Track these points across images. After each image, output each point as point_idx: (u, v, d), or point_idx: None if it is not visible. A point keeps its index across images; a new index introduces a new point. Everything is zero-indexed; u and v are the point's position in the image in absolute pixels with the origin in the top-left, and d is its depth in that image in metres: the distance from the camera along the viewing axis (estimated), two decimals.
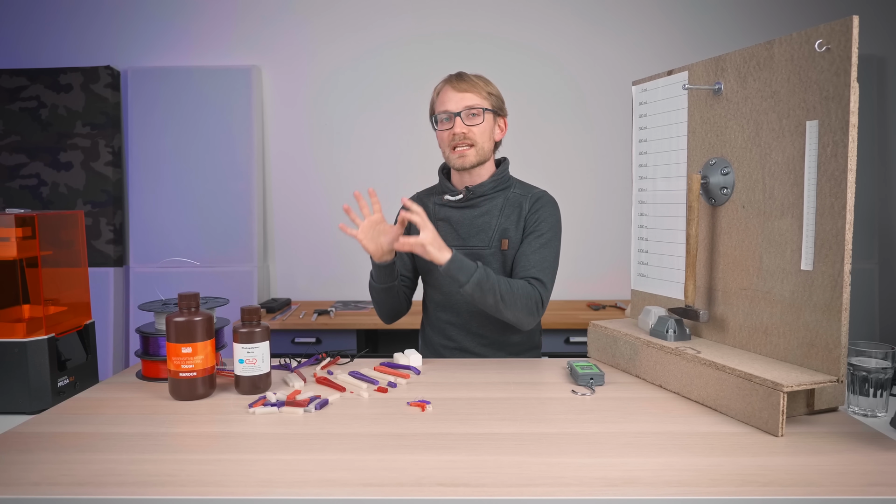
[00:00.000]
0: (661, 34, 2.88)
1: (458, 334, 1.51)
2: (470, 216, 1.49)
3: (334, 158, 2.94)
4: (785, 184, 1.03)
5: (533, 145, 2.89)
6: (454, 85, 1.43)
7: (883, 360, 1.05)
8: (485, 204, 1.49)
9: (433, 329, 1.56)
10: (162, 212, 2.81)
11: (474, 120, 1.42)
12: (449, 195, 1.50)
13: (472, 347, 1.51)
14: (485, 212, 1.49)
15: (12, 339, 1.11)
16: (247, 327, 1.11)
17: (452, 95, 1.42)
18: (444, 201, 1.51)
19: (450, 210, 1.51)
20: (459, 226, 1.50)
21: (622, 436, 0.93)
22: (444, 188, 1.52)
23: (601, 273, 2.92)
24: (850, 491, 0.76)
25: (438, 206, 1.53)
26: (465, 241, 1.49)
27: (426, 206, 1.55)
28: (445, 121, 1.43)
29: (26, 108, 2.75)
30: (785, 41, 1.02)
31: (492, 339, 1.50)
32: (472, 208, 1.50)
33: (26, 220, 1.15)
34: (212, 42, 2.89)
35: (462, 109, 1.41)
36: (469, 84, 1.43)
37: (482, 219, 1.49)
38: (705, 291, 1.21)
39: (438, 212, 1.53)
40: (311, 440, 0.92)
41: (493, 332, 1.50)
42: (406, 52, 2.89)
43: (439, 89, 1.47)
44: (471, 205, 1.49)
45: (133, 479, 0.79)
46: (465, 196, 1.48)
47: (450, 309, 1.52)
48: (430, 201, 1.55)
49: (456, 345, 1.52)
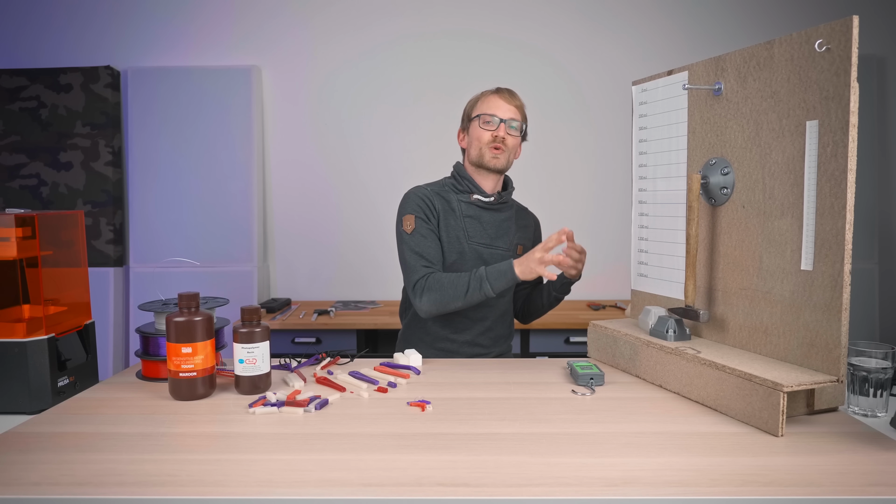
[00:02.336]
0: (661, 34, 2.88)
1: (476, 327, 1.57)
2: (497, 219, 1.59)
3: (334, 158, 2.94)
4: (785, 184, 1.03)
5: (533, 145, 2.89)
6: (505, 97, 1.56)
7: (883, 360, 1.05)
8: (506, 210, 1.62)
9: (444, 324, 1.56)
10: (162, 212, 2.81)
11: (513, 132, 1.55)
12: (480, 196, 1.56)
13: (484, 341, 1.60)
14: (507, 217, 1.61)
15: (12, 339, 1.11)
16: (247, 327, 1.11)
17: (502, 104, 1.55)
18: (474, 200, 1.56)
19: (478, 209, 1.57)
20: (489, 226, 1.58)
21: (622, 436, 0.93)
22: (474, 188, 1.57)
23: (601, 273, 2.93)
24: (850, 491, 0.76)
25: (465, 204, 1.57)
26: (492, 242, 1.57)
27: (449, 202, 1.56)
28: (490, 122, 1.53)
29: (26, 108, 2.75)
30: (785, 41, 1.02)
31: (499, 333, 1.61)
32: (498, 212, 1.60)
33: (26, 220, 1.15)
34: (211, 42, 2.89)
35: (508, 118, 1.54)
36: (517, 100, 1.58)
37: (506, 223, 1.60)
38: (705, 291, 1.21)
39: (465, 209, 1.57)
40: (311, 440, 0.92)
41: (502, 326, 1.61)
42: (406, 52, 2.89)
43: (486, 96, 1.57)
44: (497, 208, 1.59)
45: (133, 479, 0.79)
46: (496, 199, 1.57)
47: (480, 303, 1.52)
48: (451, 198, 1.57)
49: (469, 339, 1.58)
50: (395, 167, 2.92)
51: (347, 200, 2.95)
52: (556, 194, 2.91)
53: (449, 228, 1.53)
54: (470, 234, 1.54)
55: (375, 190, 2.91)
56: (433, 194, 1.56)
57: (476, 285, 1.41)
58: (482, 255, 1.55)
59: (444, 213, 1.54)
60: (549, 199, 2.87)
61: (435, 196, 1.56)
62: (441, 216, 1.54)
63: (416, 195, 1.54)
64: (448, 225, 1.54)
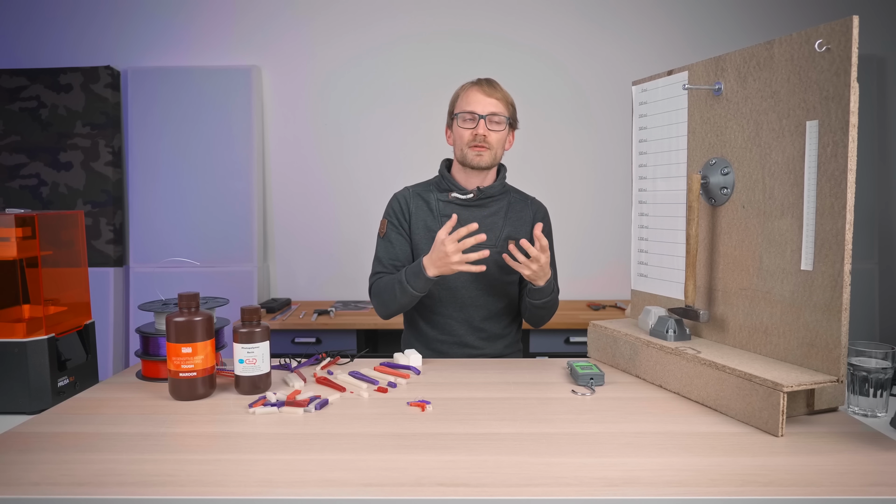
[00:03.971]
0: (661, 34, 2.88)
1: (461, 329, 1.54)
2: (479, 215, 1.53)
3: (334, 158, 2.94)
4: (785, 184, 1.03)
5: (533, 145, 2.89)
6: (483, 89, 1.49)
7: (883, 360, 1.05)
8: (492, 205, 1.55)
9: (432, 324, 1.56)
10: (162, 212, 2.81)
11: (496, 126, 1.49)
12: (458, 193, 1.53)
13: (473, 341, 1.54)
14: (493, 212, 1.55)
15: (12, 339, 1.11)
16: (247, 327, 1.11)
17: (481, 98, 1.48)
18: (452, 199, 1.53)
19: (456, 208, 1.54)
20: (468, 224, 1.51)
21: (622, 436, 0.93)
22: (452, 186, 1.54)
23: (601, 273, 2.93)
24: (850, 491, 0.76)
25: (444, 203, 1.55)
26: None
27: (427, 201, 1.56)
28: (469, 120, 1.48)
29: (26, 108, 2.75)
30: (785, 41, 1.02)
31: (490, 333, 1.55)
32: (481, 208, 1.54)
33: (26, 220, 1.15)
34: (211, 42, 2.89)
35: (487, 114, 1.47)
36: (497, 91, 1.50)
37: (490, 219, 1.54)
38: (705, 291, 1.21)
39: (443, 208, 1.54)
40: (311, 440, 0.92)
41: (493, 326, 1.55)
42: (406, 52, 2.89)
43: (466, 89, 1.52)
44: (479, 204, 1.54)
45: (133, 479, 0.79)
46: (475, 195, 1.52)
47: (456, 304, 1.53)
48: (431, 197, 1.56)
49: (456, 339, 1.54)
50: (395, 167, 2.92)
51: (347, 200, 2.95)
52: (555, 194, 2.90)
53: (427, 229, 1.53)
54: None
55: (375, 189, 2.91)
56: (412, 196, 1.58)
57: (399, 287, 1.42)
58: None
59: (420, 214, 1.55)
60: (549, 199, 2.85)
61: (414, 198, 1.57)
62: (414, 217, 1.55)
63: (394, 199, 1.59)
64: (426, 225, 1.54)
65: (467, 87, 1.52)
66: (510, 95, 1.53)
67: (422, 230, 1.54)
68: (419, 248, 1.53)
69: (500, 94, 1.50)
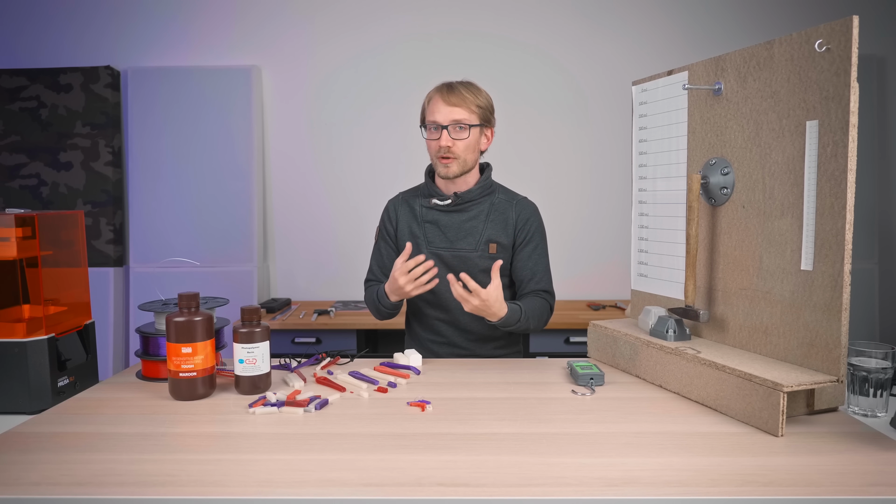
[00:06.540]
0: (661, 34, 2.88)
1: (447, 330, 1.55)
2: (458, 220, 1.53)
3: (334, 158, 2.94)
4: (785, 184, 1.03)
5: (533, 145, 2.89)
6: (445, 98, 1.45)
7: (883, 360, 1.05)
8: (472, 209, 1.54)
9: (422, 325, 1.59)
10: (162, 212, 2.81)
11: (460, 134, 1.45)
12: (437, 199, 1.53)
13: (461, 342, 1.55)
14: (472, 216, 1.53)
15: (12, 339, 1.11)
16: (247, 327, 1.11)
17: (442, 108, 1.44)
18: (432, 205, 1.53)
19: (437, 213, 1.54)
20: (448, 229, 1.53)
21: (622, 436, 0.93)
22: (432, 192, 1.55)
23: (601, 273, 2.92)
24: (850, 491, 0.76)
25: (426, 209, 1.55)
26: (452, 244, 1.52)
27: (412, 207, 1.57)
28: (434, 131, 1.47)
29: (26, 108, 2.75)
30: (785, 41, 1.02)
31: (479, 335, 1.55)
32: (460, 213, 1.54)
33: (26, 220, 1.15)
34: (211, 42, 2.89)
35: (450, 123, 1.44)
36: (459, 98, 1.44)
37: (470, 223, 1.53)
38: (705, 291, 1.21)
39: (426, 214, 1.55)
40: (311, 440, 0.92)
41: (480, 328, 1.54)
42: (406, 52, 2.89)
43: (430, 98, 1.49)
44: (458, 209, 1.53)
45: (133, 479, 0.79)
46: (453, 201, 1.52)
47: (439, 307, 1.55)
48: (416, 203, 1.57)
49: (445, 339, 1.56)
50: (394, 167, 2.91)
51: (347, 200, 2.95)
52: (555, 194, 2.91)
53: (413, 235, 1.55)
54: (430, 238, 1.53)
55: (375, 189, 2.90)
56: (400, 202, 1.60)
57: (378, 301, 1.50)
58: (443, 259, 1.52)
59: (405, 219, 1.57)
60: (549, 199, 2.86)
61: (401, 204, 1.59)
62: (400, 223, 1.57)
63: (385, 207, 1.63)
64: (412, 232, 1.55)
65: (431, 94, 1.49)
66: (482, 95, 1.48)
67: (407, 235, 1.55)
68: None
69: (461, 100, 1.44)
